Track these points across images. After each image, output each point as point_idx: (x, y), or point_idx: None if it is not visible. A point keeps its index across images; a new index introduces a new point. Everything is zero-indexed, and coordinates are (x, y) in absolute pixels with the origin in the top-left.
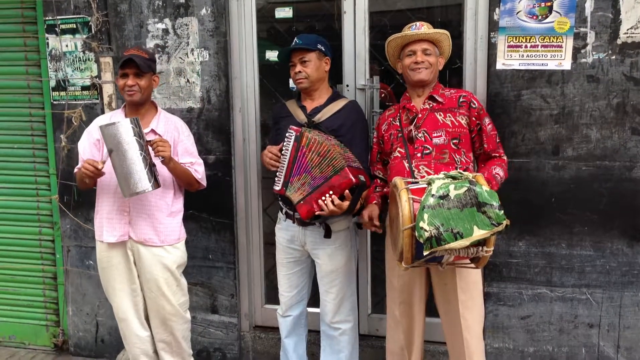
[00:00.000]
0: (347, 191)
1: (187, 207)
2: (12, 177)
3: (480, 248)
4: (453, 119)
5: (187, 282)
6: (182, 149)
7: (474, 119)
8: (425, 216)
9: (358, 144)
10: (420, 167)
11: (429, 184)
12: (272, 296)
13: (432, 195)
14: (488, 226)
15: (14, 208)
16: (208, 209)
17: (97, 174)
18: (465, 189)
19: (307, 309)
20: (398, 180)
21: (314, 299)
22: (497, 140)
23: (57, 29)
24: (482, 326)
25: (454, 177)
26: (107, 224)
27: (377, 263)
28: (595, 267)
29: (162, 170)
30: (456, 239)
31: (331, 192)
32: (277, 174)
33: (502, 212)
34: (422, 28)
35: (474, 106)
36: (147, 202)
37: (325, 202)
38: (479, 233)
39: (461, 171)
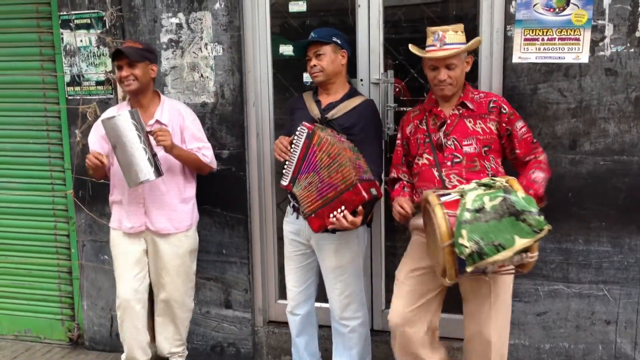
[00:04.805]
0: (360, 207)
1: (201, 202)
2: (28, 172)
3: (525, 254)
4: (483, 126)
5: (201, 277)
6: (189, 134)
7: (504, 124)
8: (464, 232)
9: (371, 144)
10: (451, 176)
11: (462, 196)
12: (286, 291)
13: (467, 209)
14: (530, 234)
15: (30, 203)
16: (222, 204)
17: (100, 166)
18: (500, 199)
19: (321, 304)
20: (430, 196)
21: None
22: (533, 141)
23: (71, 24)
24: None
25: (486, 185)
26: (125, 214)
27: (391, 258)
28: (612, 263)
29: (170, 158)
30: (498, 251)
31: (343, 207)
32: (285, 169)
33: (542, 217)
34: (445, 38)
35: (504, 111)
36: (159, 191)
37: (338, 217)
38: (521, 242)
39: (494, 177)
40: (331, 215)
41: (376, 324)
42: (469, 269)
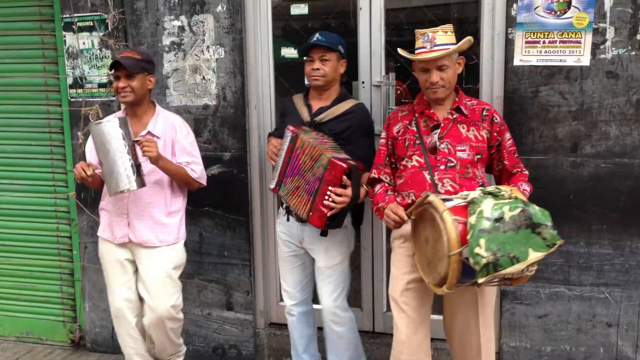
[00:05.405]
0: (344, 178)
1: (203, 204)
2: (30, 174)
3: (526, 268)
4: (476, 133)
5: (203, 279)
6: (179, 148)
7: (495, 134)
8: (482, 241)
9: (362, 148)
10: (444, 181)
11: (472, 202)
12: None
13: (487, 218)
14: (543, 248)
15: (32, 205)
16: (223, 206)
17: (84, 178)
18: (520, 209)
19: (319, 306)
20: (435, 199)
21: None
22: (516, 156)
23: (74, 27)
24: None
25: (491, 194)
26: (112, 224)
27: None
28: (614, 266)
29: (159, 170)
30: (513, 264)
31: (330, 188)
32: (274, 171)
33: (556, 231)
34: (435, 39)
35: (496, 121)
36: (144, 203)
37: (330, 199)
38: (534, 256)
39: (499, 187)
40: (324, 201)
41: (377, 326)
42: (480, 280)
